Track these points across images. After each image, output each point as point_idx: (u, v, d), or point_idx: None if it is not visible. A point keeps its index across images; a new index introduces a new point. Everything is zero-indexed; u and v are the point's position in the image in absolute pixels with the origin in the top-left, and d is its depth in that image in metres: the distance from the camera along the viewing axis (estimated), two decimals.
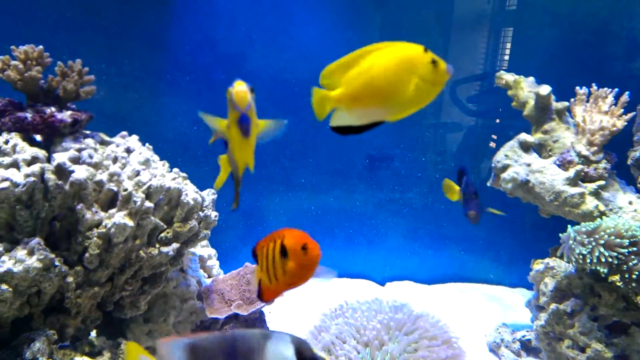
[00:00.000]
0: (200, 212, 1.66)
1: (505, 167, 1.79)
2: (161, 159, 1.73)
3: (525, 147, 1.82)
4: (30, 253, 1.26)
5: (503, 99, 2.33)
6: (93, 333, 1.56)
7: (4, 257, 1.25)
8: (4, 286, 1.22)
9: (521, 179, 1.72)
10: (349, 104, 0.87)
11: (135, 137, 1.72)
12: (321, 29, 2.41)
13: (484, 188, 2.00)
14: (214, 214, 1.71)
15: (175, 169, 1.71)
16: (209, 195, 1.75)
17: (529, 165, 1.75)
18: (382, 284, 2.69)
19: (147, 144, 1.76)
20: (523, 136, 1.84)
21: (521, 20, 2.41)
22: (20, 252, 1.26)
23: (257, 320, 1.76)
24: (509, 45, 2.49)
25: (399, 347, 1.66)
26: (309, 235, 0.88)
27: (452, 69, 0.79)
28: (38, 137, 1.54)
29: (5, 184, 1.24)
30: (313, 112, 0.90)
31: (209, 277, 2.01)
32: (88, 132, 1.60)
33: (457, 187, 1.59)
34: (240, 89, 0.76)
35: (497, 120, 2.59)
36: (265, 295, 0.90)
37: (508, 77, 2.13)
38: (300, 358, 0.73)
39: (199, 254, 2.00)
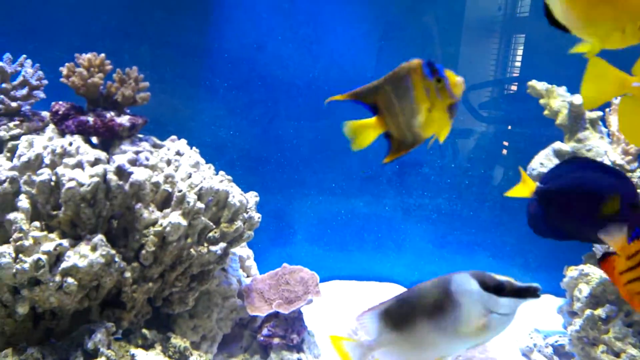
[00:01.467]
0: (245, 214, 1.74)
1: (540, 175, 1.83)
2: None
3: (560, 156, 1.85)
4: (94, 249, 1.34)
5: (522, 105, 2.38)
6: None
7: (69, 252, 1.33)
8: (70, 279, 1.30)
9: None
10: None
11: (183, 141, 1.80)
12: (354, 38, 2.48)
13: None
14: (257, 216, 1.78)
15: (222, 172, 1.79)
16: (252, 197, 1.83)
17: None
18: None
19: (193, 148, 1.84)
20: (558, 145, 1.88)
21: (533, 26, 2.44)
22: (84, 248, 1.35)
23: (296, 319, 1.82)
24: (520, 52, 2.52)
25: None
26: None
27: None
28: (94, 140, 1.63)
29: (72, 184, 1.33)
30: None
31: (248, 276, 2.08)
32: (141, 135, 1.69)
33: (532, 182, 1.20)
34: (460, 79, 0.83)
35: (509, 127, 2.63)
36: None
37: (540, 86, 2.17)
38: (485, 287, 0.80)
39: (239, 254, 2.07)
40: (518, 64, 2.53)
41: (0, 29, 2.17)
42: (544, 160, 1.84)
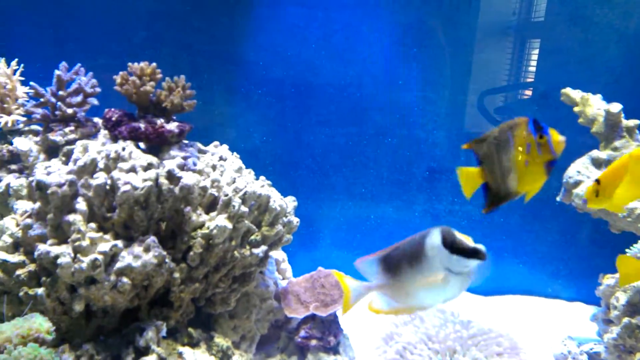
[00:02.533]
0: (284, 218, 1.78)
1: (577, 183, 1.84)
2: None
3: (597, 164, 1.85)
4: (147, 250, 1.40)
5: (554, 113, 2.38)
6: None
7: (124, 253, 1.39)
8: (124, 279, 1.36)
9: None
10: None
11: (225, 147, 1.86)
12: (386, 46, 2.52)
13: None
14: (295, 220, 1.83)
15: (262, 177, 1.84)
16: (291, 202, 1.87)
17: None
18: None
19: (234, 153, 1.90)
20: (595, 153, 1.88)
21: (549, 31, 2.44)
22: (137, 249, 1.41)
23: (333, 322, 1.85)
24: (535, 57, 2.52)
25: (470, 356, 1.72)
26: None
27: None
28: (141, 145, 1.70)
29: (127, 187, 1.39)
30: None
31: (284, 278, 2.13)
32: (186, 141, 1.75)
33: None
34: (562, 138, 0.87)
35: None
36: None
37: (574, 94, 2.17)
38: (444, 243, 0.87)
39: (274, 257, 2.12)
40: (532, 68, 2.52)
41: (52, 39, 2.28)
42: (581, 168, 1.85)
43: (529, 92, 2.61)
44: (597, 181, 1.13)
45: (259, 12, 2.47)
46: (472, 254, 0.87)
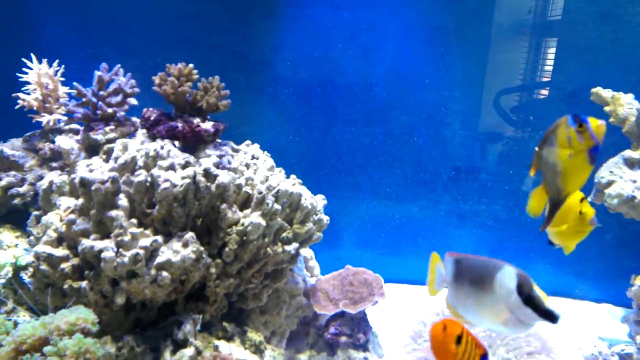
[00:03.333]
0: (315, 216, 1.81)
1: (609, 183, 1.82)
2: None
3: (630, 164, 1.84)
4: (185, 245, 1.44)
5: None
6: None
7: (163, 248, 1.43)
8: (164, 273, 1.40)
9: (627, 195, 1.75)
10: None
11: (257, 146, 1.90)
12: (413, 46, 2.53)
13: None
14: (325, 218, 1.85)
15: (293, 175, 1.87)
16: (321, 200, 1.90)
17: (634, 181, 1.77)
18: None
19: (265, 152, 1.93)
20: (628, 153, 1.86)
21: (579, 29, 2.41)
22: (176, 244, 1.45)
23: (362, 319, 1.87)
24: (552, 56, 2.49)
25: (500, 355, 1.72)
26: None
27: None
28: (176, 143, 1.74)
29: (167, 184, 1.43)
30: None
31: (312, 276, 2.16)
32: (219, 140, 1.80)
33: None
34: (602, 122, 0.87)
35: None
36: None
37: (605, 93, 2.15)
38: (519, 291, 0.87)
39: (303, 254, 2.15)
40: (549, 67, 2.50)
41: (87, 40, 2.34)
42: (614, 169, 1.83)
43: (545, 92, 2.59)
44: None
45: (286, 13, 2.51)
46: (546, 314, 0.87)
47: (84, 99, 1.60)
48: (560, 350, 1.96)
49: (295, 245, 1.70)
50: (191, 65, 1.64)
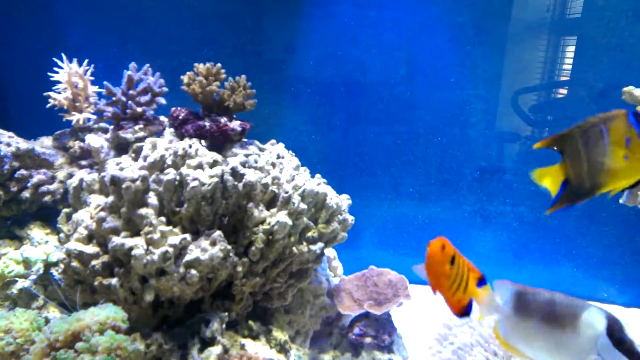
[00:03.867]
0: (339, 216, 1.80)
1: None
2: None
3: None
4: (213, 243, 1.45)
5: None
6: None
7: (191, 246, 1.44)
8: (193, 271, 1.41)
9: None
10: None
11: (281, 145, 1.90)
12: (438, 44, 2.50)
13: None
14: (350, 218, 1.84)
15: (317, 175, 1.87)
16: (345, 200, 1.89)
17: None
18: None
19: (290, 151, 1.93)
20: None
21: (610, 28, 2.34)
22: (204, 242, 1.45)
23: (387, 320, 1.86)
24: (571, 55, 2.43)
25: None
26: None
27: None
28: (203, 142, 1.75)
29: (195, 183, 1.44)
30: None
31: (335, 276, 2.15)
32: (245, 139, 1.80)
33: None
34: None
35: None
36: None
37: (638, 92, 2.09)
38: (610, 334, 0.83)
39: (326, 254, 2.14)
40: (569, 66, 2.44)
41: (113, 40, 2.38)
42: None
43: (563, 91, 2.53)
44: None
45: (310, 12, 2.50)
46: (636, 358, 0.83)
47: (114, 98, 1.62)
48: None
49: (320, 245, 1.70)
50: (219, 64, 1.64)
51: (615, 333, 0.84)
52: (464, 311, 0.94)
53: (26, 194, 1.68)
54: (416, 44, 2.50)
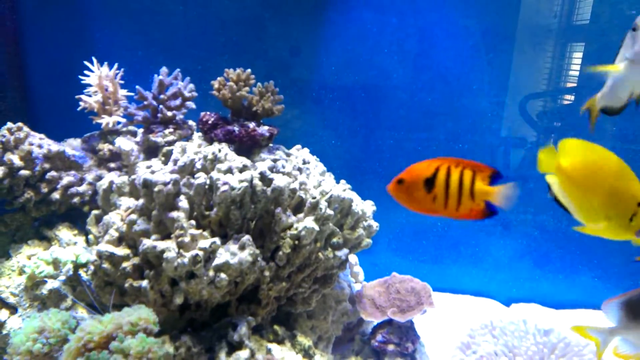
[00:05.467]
0: (364, 222, 1.80)
1: None
2: None
3: None
4: (242, 248, 1.45)
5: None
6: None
7: (221, 250, 1.45)
8: (222, 275, 1.42)
9: None
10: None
11: (306, 150, 1.91)
12: (460, 51, 2.50)
13: None
14: (375, 224, 1.84)
15: (342, 181, 1.87)
16: (369, 206, 1.89)
17: None
18: (507, 304, 2.67)
19: (314, 157, 1.94)
20: None
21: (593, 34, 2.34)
22: (233, 247, 1.46)
23: (410, 328, 1.85)
24: (578, 61, 2.41)
25: None
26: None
27: None
28: (231, 147, 1.77)
29: (226, 187, 1.45)
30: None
31: (356, 282, 2.15)
32: (271, 145, 1.81)
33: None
34: None
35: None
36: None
37: None
38: None
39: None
40: (576, 73, 2.42)
41: (137, 44, 2.41)
42: None
43: (571, 97, 2.52)
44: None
45: (333, 18, 2.52)
46: None
47: (145, 102, 1.64)
48: None
49: (345, 250, 1.70)
50: (249, 70, 1.66)
51: None
52: (486, 213, 0.91)
53: (56, 195, 1.71)
54: (438, 51, 2.50)
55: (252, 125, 1.63)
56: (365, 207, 1.80)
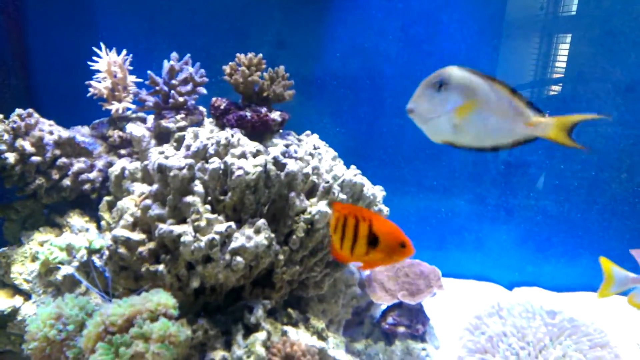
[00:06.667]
0: (375, 207, 1.82)
1: None
2: None
3: None
4: (257, 231, 1.47)
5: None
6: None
7: (236, 234, 1.46)
8: (239, 258, 1.43)
9: None
10: None
11: (316, 136, 1.91)
12: (466, 37, 2.50)
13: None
14: (385, 209, 1.86)
15: (353, 166, 1.88)
16: (379, 191, 1.90)
17: None
18: (510, 288, 2.71)
19: (323, 142, 1.95)
20: None
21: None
22: (248, 230, 1.47)
23: (419, 310, 1.88)
24: (565, 52, 2.44)
25: (563, 349, 1.71)
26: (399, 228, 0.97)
27: None
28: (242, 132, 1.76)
29: (240, 172, 1.46)
30: None
31: None
32: (282, 130, 1.81)
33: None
34: None
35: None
36: (337, 256, 1.04)
37: None
38: None
39: None
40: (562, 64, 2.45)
41: (141, 31, 2.39)
42: None
43: (557, 88, 2.55)
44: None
45: (337, 4, 2.51)
46: None
47: (156, 88, 1.63)
48: (619, 346, 1.94)
49: None
50: (260, 55, 1.66)
51: None
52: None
53: (67, 181, 1.71)
54: (443, 37, 2.51)
55: (264, 110, 1.63)
56: (375, 191, 1.81)
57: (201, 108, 1.76)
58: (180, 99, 1.63)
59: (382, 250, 0.96)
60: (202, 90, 1.70)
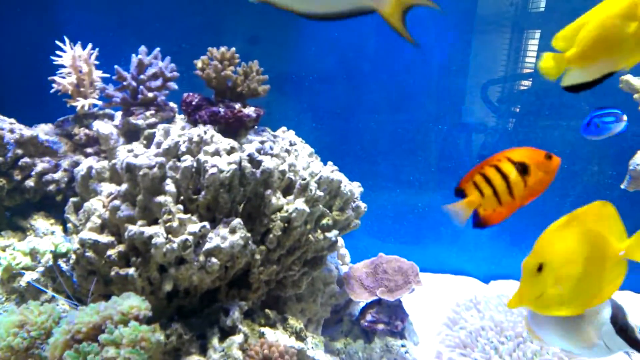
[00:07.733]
0: (353, 203, 1.79)
1: None
2: None
3: None
4: (232, 231, 1.42)
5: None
6: None
7: (211, 234, 1.41)
8: (214, 259, 1.38)
9: None
10: (581, 62, 0.91)
11: (292, 132, 1.87)
12: (441, 32, 2.50)
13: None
14: (363, 205, 1.83)
15: (330, 162, 1.85)
16: (357, 187, 1.88)
17: None
18: (486, 282, 2.74)
19: (300, 138, 1.91)
20: None
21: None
22: (223, 230, 1.43)
23: (398, 307, 1.87)
24: (535, 47, 2.49)
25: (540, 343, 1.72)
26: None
27: None
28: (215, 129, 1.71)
29: (214, 170, 1.41)
30: (542, 75, 0.94)
31: (343, 264, 2.15)
32: (257, 126, 1.77)
33: None
34: None
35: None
36: (492, 219, 1.00)
37: (635, 81, 2.14)
38: (614, 322, 0.83)
39: None
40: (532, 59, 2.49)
41: (109, 24, 2.30)
42: None
43: (528, 83, 2.58)
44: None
45: None
46: (635, 344, 0.87)
47: (124, 83, 1.56)
48: None
49: (335, 232, 1.69)
50: (233, 49, 1.61)
51: (619, 320, 0.89)
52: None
53: (30, 182, 1.62)
54: (418, 32, 2.50)
55: (237, 106, 1.58)
56: (353, 188, 1.79)
57: (172, 104, 1.69)
58: (150, 95, 1.56)
59: (535, 174, 0.92)
60: (173, 85, 1.64)
